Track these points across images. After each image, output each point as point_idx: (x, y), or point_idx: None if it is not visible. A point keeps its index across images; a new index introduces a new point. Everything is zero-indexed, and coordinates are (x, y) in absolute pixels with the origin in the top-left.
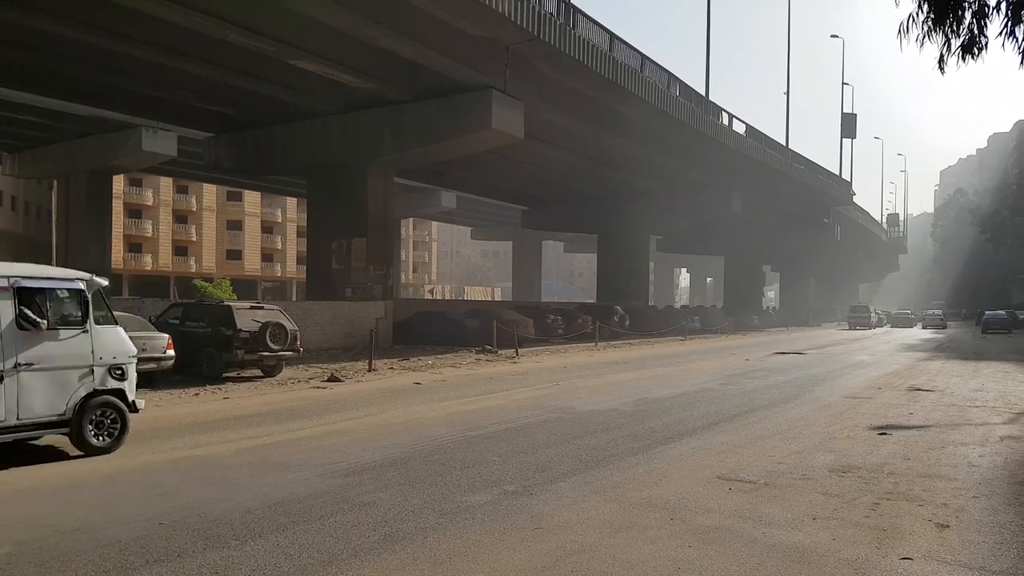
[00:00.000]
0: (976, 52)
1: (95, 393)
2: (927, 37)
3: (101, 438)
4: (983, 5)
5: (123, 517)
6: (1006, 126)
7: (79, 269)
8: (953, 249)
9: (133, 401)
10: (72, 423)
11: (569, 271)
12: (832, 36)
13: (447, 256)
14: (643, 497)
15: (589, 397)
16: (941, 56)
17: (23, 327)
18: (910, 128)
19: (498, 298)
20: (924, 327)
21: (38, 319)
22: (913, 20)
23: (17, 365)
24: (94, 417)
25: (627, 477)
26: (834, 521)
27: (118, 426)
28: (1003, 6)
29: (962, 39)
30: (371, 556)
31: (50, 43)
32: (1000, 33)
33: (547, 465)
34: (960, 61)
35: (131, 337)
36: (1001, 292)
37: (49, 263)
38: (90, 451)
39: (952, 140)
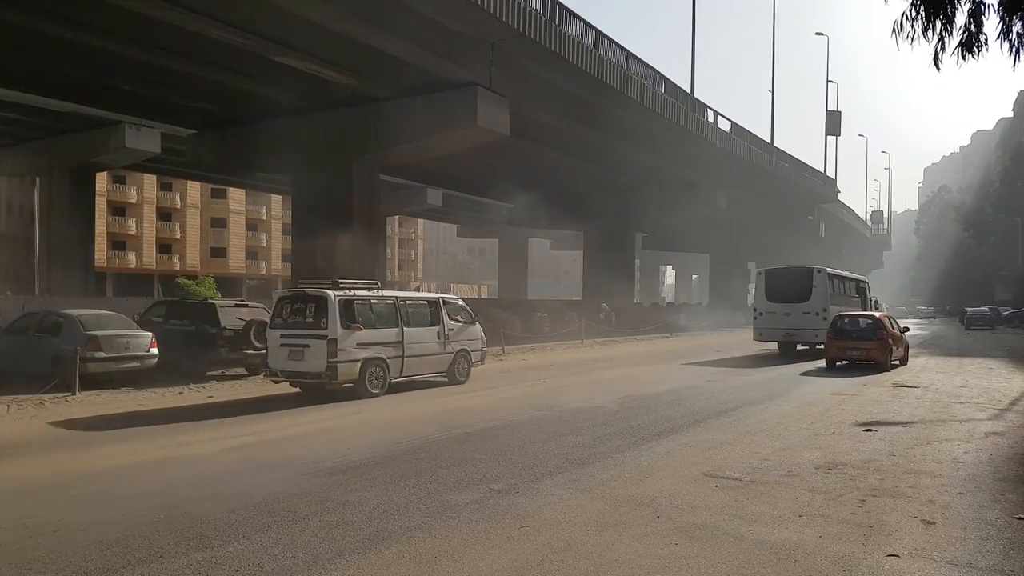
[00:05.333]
0: (977, 50)
1: None
2: (923, 35)
3: None
4: (979, 3)
5: (105, 517)
6: (990, 123)
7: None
8: (937, 246)
9: None
10: None
11: (555, 269)
12: (817, 34)
13: (433, 254)
14: (629, 495)
15: (575, 394)
16: (936, 54)
17: None
18: (894, 126)
19: (484, 296)
20: (919, 319)
21: None
22: (907, 17)
23: None
24: None
25: (613, 475)
26: (820, 518)
27: None
28: (998, 5)
29: (960, 37)
30: (355, 556)
31: (31, 38)
32: (998, 37)
33: (533, 463)
34: (960, 59)
35: (114, 335)
36: (984, 288)
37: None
38: None
39: (936, 138)
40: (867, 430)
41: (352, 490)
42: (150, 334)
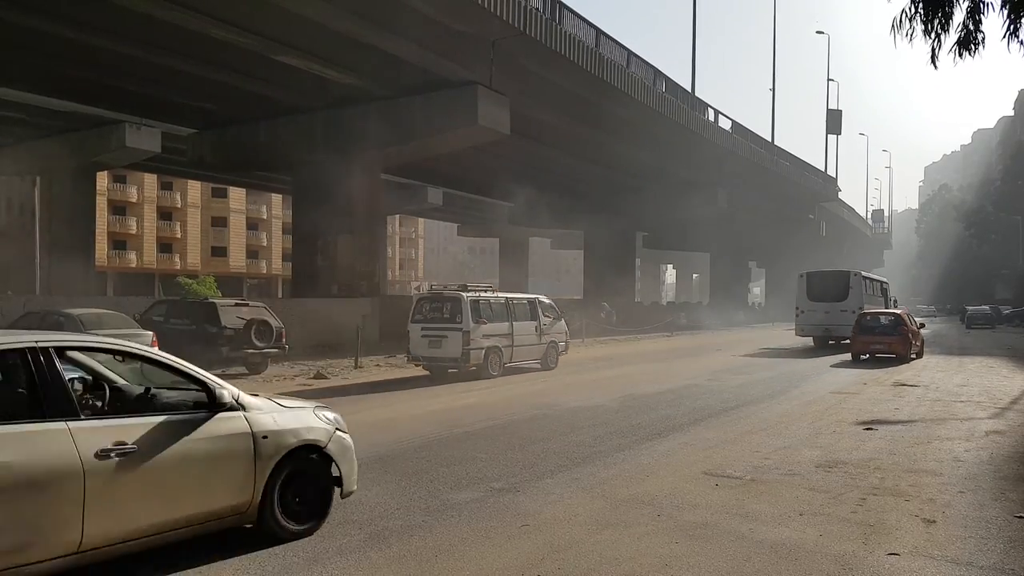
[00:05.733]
0: (973, 48)
1: None
2: (923, 32)
3: None
4: (978, 2)
5: None
6: (990, 122)
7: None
8: (937, 244)
9: None
10: None
11: (556, 268)
12: (818, 32)
13: (434, 253)
14: (630, 493)
15: (575, 393)
16: (933, 52)
17: None
18: (895, 124)
19: None
20: (920, 317)
21: None
22: (906, 15)
23: None
24: None
25: (614, 473)
26: (821, 517)
27: None
28: (1001, 5)
29: (958, 35)
30: (356, 554)
31: (32, 38)
32: (1004, 36)
33: (534, 462)
34: (957, 57)
35: (114, 334)
36: (985, 287)
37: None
38: None
39: (937, 136)
40: (868, 429)
41: None
42: (151, 333)
